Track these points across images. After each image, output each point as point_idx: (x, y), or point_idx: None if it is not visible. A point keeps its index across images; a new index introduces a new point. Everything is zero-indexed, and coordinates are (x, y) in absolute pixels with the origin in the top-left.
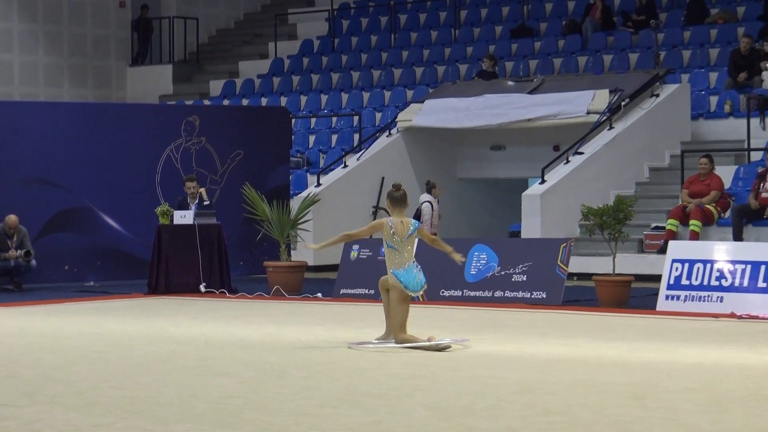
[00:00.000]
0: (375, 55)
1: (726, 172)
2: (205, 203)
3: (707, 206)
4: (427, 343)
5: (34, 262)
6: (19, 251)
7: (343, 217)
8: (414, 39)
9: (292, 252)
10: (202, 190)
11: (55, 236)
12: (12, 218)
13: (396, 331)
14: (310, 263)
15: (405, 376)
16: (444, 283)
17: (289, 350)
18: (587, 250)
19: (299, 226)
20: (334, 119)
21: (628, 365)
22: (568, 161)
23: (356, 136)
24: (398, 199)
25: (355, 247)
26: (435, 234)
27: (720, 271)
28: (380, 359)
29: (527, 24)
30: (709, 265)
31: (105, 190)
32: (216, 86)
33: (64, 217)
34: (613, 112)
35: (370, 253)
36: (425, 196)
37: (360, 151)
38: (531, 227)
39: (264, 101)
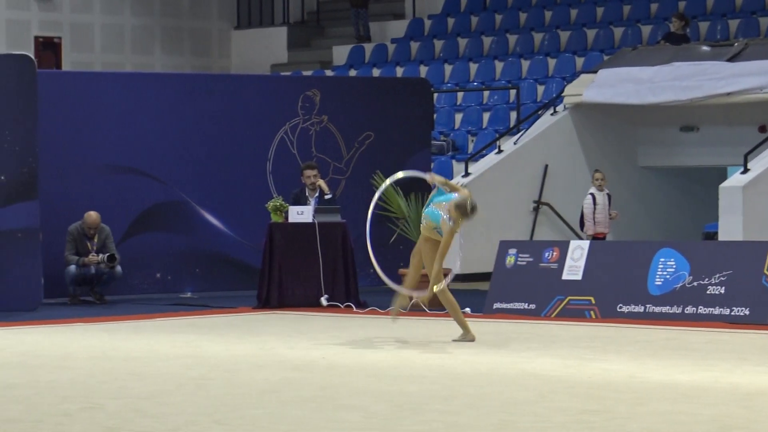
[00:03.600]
0: (536, 14)
1: None
2: (327, 197)
3: None
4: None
5: (119, 268)
6: (101, 255)
7: (496, 213)
8: None
9: None
10: (321, 182)
11: (144, 237)
12: (92, 215)
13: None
14: (457, 271)
15: (573, 411)
16: (622, 296)
17: (430, 378)
18: None
19: None
20: (486, 94)
21: None
22: None
23: (513, 115)
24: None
25: (512, 251)
26: (604, 236)
27: None
28: (542, 389)
29: None
30: None
31: (205, 181)
32: (340, 53)
33: (156, 214)
34: None
35: (531, 259)
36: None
37: (518, 132)
38: (731, 227)
39: (399, 71)
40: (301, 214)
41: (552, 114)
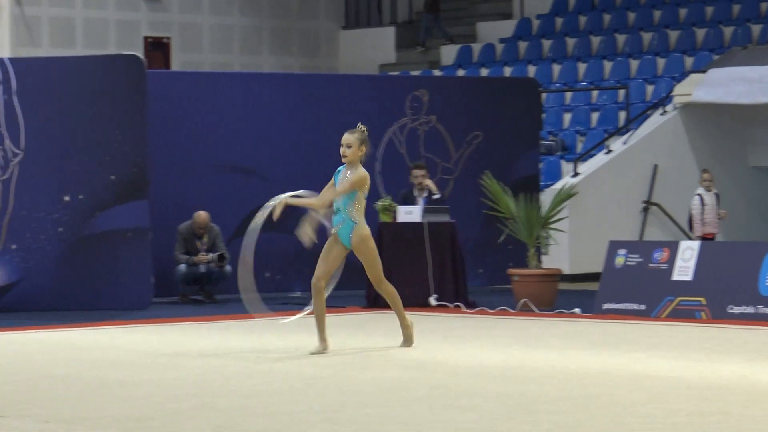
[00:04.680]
0: (644, 14)
1: None
2: (435, 197)
3: None
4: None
5: (228, 267)
6: (210, 255)
7: (605, 213)
8: None
9: (544, 257)
10: (429, 181)
11: None
12: (202, 215)
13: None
14: (566, 271)
15: (685, 413)
16: (733, 297)
17: (541, 379)
18: None
19: (552, 226)
20: (595, 93)
21: None
22: None
23: (622, 115)
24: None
25: (622, 251)
26: (713, 236)
27: None
28: (653, 390)
29: None
30: None
31: (314, 181)
32: (448, 53)
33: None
34: None
35: (640, 259)
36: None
37: (626, 132)
38: None
39: (508, 71)
40: (410, 213)
41: (661, 114)
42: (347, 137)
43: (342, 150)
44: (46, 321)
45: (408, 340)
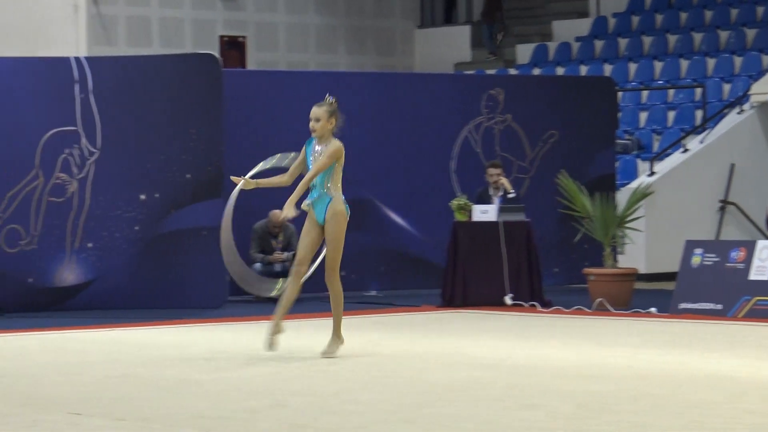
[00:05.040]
0: (721, 12)
1: None
2: (510, 195)
3: None
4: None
5: None
6: (285, 254)
7: (681, 212)
8: None
9: (620, 256)
10: (504, 180)
11: None
12: (277, 214)
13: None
14: (642, 270)
15: (763, 413)
16: None
17: (616, 378)
18: None
19: (627, 225)
20: (671, 92)
21: None
22: None
23: (699, 113)
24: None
25: (698, 251)
26: None
27: None
28: (731, 390)
29: None
30: None
31: (389, 180)
32: (524, 52)
33: None
34: None
35: (717, 259)
36: None
37: (703, 131)
38: None
39: (583, 70)
40: (485, 212)
41: (738, 113)
42: (315, 110)
43: (311, 125)
44: (122, 319)
45: (331, 348)
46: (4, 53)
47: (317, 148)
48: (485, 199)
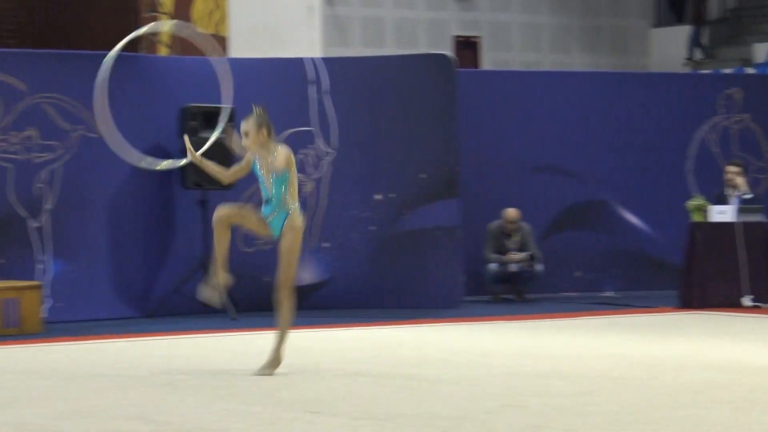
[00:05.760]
0: None
1: None
2: (747, 196)
3: None
4: None
5: (539, 266)
6: (521, 254)
7: None
8: None
9: None
10: (740, 179)
11: (563, 236)
12: (512, 212)
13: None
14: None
15: None
16: None
17: None
18: None
19: None
20: None
21: None
22: None
23: None
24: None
25: None
26: None
27: None
28: None
29: None
30: None
31: (624, 181)
32: (762, 50)
33: (576, 213)
34: None
35: None
36: None
37: None
38: None
39: None
40: (722, 213)
41: None
42: (243, 126)
43: (243, 142)
44: (357, 319)
45: (270, 366)
46: (244, 54)
47: (261, 159)
48: (722, 200)
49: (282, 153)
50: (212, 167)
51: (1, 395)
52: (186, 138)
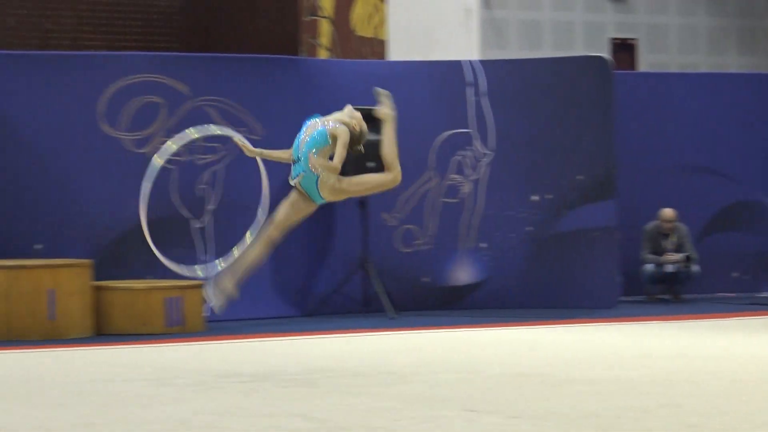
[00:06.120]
0: None
1: None
2: None
3: None
4: None
5: (696, 267)
6: (678, 255)
7: None
8: None
9: None
10: None
11: (719, 237)
12: (668, 213)
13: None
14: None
15: None
16: None
17: None
18: None
19: None
20: None
21: None
22: None
23: None
24: None
25: None
26: None
27: None
28: None
29: None
30: None
31: None
32: None
33: (732, 215)
34: None
35: None
36: None
37: None
38: None
39: None
40: None
41: None
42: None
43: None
44: (514, 318)
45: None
46: (401, 57)
47: (318, 125)
48: None
49: (338, 127)
50: (270, 153)
51: (167, 392)
52: (238, 137)
